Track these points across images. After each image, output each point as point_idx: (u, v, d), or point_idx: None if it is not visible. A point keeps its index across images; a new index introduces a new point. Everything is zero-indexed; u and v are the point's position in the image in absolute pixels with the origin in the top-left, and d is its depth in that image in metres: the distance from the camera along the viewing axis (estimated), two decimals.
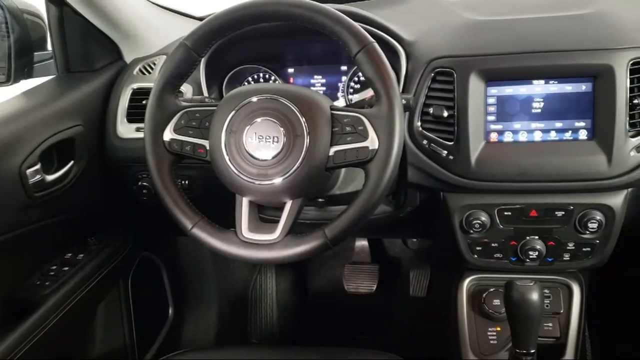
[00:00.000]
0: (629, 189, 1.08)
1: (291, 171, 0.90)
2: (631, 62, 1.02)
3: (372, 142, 0.89)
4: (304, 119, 0.91)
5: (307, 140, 0.90)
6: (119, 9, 1.35)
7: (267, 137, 0.91)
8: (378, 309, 1.97)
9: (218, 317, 1.86)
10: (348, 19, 0.92)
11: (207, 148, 0.96)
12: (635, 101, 1.01)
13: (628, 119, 1.02)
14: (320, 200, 1.15)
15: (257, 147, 0.92)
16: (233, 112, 0.94)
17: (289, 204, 0.94)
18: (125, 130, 1.27)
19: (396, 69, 1.15)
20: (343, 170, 1.10)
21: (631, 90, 1.02)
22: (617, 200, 1.08)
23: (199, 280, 1.84)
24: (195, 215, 0.97)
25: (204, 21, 0.97)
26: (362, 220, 0.90)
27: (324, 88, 1.33)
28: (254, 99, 0.94)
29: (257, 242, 0.93)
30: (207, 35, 0.96)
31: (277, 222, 0.93)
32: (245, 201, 0.95)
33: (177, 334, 1.77)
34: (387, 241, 2.18)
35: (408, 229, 1.50)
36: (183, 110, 0.98)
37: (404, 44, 1.15)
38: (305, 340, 1.96)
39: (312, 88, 1.33)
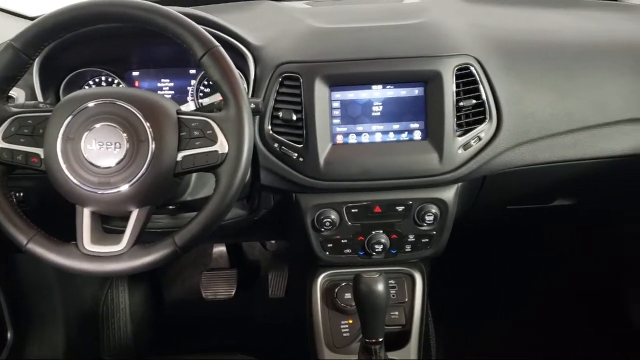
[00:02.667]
0: (459, 184, 1.19)
1: (136, 178, 0.88)
2: (456, 68, 1.12)
3: (222, 146, 0.90)
4: (148, 124, 0.89)
5: (152, 146, 0.88)
6: None
7: (108, 144, 0.88)
8: (238, 313, 1.97)
9: (66, 336, 1.73)
10: (191, 21, 0.91)
11: (42, 157, 0.90)
12: (461, 104, 1.11)
13: (455, 120, 1.12)
14: (171, 207, 1.13)
15: (98, 155, 0.88)
16: (70, 118, 0.88)
17: (135, 213, 0.91)
18: None
19: (245, 73, 1.16)
20: (194, 175, 1.08)
21: (457, 94, 1.12)
22: (449, 194, 1.18)
23: (43, 298, 1.70)
24: (30, 229, 0.90)
25: (35, 21, 0.91)
26: (213, 225, 0.90)
27: (173, 92, 1.30)
28: (91, 104, 0.90)
29: (101, 254, 0.89)
30: (38, 36, 0.90)
31: (124, 232, 0.90)
32: (86, 212, 0.90)
33: (18, 358, 1.63)
34: (246, 245, 2.18)
35: (264, 231, 1.52)
36: (13, 117, 0.91)
37: (251, 48, 1.16)
38: (162, 352, 1.90)
39: (159, 92, 1.29)
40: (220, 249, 2.05)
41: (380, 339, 1.03)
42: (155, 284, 2.05)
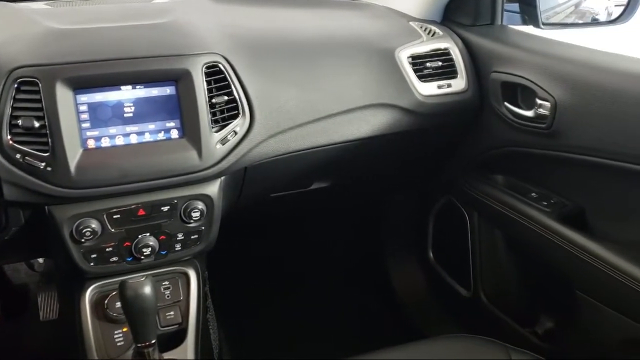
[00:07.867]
0: (222, 178, 1.22)
1: None
2: (205, 66, 1.14)
3: None
4: None
5: None
6: None
7: None
8: (5, 344, 1.78)
9: None
10: None
11: None
12: (214, 100, 1.14)
13: (210, 116, 1.14)
14: None
15: None
16: None
17: None
18: None
19: None
20: None
21: (209, 91, 1.15)
22: (213, 189, 1.21)
23: None
24: None
25: None
26: None
27: None
28: None
29: None
30: None
31: None
32: None
33: None
34: (9, 268, 1.98)
35: (21, 250, 1.39)
36: None
37: None
38: None
39: None
40: None
41: (153, 341, 1.02)
42: None
